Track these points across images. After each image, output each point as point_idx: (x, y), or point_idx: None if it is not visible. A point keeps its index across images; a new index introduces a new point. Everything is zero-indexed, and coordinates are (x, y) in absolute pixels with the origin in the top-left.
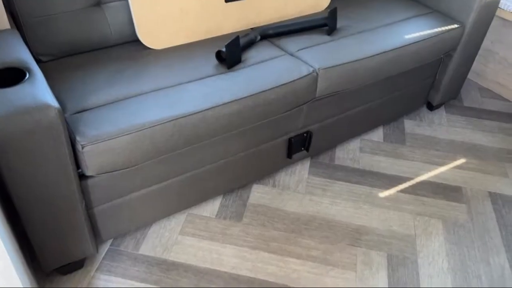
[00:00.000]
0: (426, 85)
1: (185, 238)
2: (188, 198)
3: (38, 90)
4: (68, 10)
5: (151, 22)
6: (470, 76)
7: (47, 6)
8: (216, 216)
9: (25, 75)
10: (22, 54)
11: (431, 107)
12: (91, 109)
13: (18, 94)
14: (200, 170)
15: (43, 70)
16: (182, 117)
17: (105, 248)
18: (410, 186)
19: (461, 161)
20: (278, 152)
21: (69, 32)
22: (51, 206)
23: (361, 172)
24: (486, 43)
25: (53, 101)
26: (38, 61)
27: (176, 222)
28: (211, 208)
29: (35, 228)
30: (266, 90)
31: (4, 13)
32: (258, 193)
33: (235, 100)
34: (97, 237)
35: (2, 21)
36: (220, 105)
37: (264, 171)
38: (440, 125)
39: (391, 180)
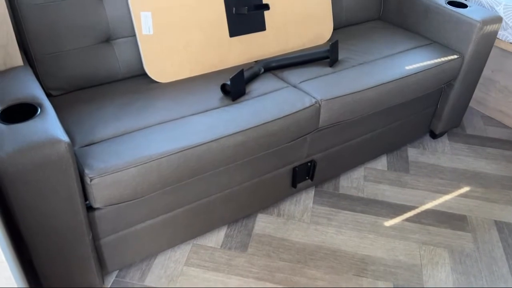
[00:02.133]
0: (428, 114)
1: (190, 269)
2: (193, 229)
3: (49, 125)
4: (78, 46)
5: (158, 57)
6: (472, 104)
7: (58, 43)
8: (221, 246)
9: (37, 110)
10: (34, 90)
11: (434, 135)
12: (99, 142)
13: (30, 129)
14: (205, 201)
15: (54, 104)
16: (188, 148)
17: (110, 279)
18: (415, 215)
19: (465, 189)
20: (283, 182)
21: (79, 67)
22: (58, 237)
23: (366, 201)
24: (486, 72)
25: (63, 136)
26: (48, 95)
27: (181, 252)
28: (216, 238)
29: (42, 258)
30: (270, 121)
31: (18, 51)
32: (263, 223)
33: (240, 131)
34: (103, 268)
35: (16, 58)
36: (225, 137)
37: (268, 200)
38: (443, 153)
39: (396, 209)
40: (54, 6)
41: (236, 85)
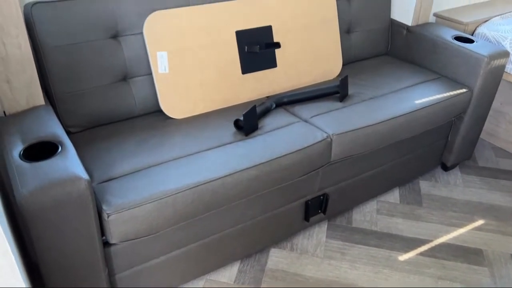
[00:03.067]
0: (439, 147)
1: None
2: (206, 264)
3: (69, 162)
4: (97, 85)
5: (173, 94)
6: (482, 136)
7: (78, 82)
8: (234, 282)
9: (57, 148)
10: (54, 128)
11: (445, 167)
12: (116, 178)
13: (51, 167)
14: (218, 235)
15: (73, 141)
16: (202, 184)
17: None
18: (429, 249)
19: (479, 222)
20: (295, 215)
21: (97, 105)
22: (75, 272)
23: (379, 235)
24: (495, 104)
25: (83, 173)
26: (68, 133)
27: None
28: (229, 273)
29: None
30: (282, 156)
31: (40, 90)
32: (276, 258)
33: (253, 166)
34: None
35: (38, 98)
36: (238, 171)
37: (281, 234)
38: (455, 185)
39: (410, 243)
40: (75, 48)
41: (249, 121)
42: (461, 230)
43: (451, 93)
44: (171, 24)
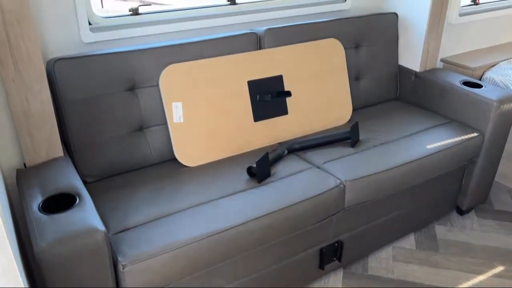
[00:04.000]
0: (453, 190)
1: None
2: None
3: (86, 214)
4: (114, 136)
5: (187, 143)
6: (497, 179)
7: (96, 133)
8: None
9: (75, 200)
10: (72, 179)
11: (461, 211)
12: (132, 228)
13: (69, 219)
14: (231, 286)
15: (89, 191)
16: (217, 233)
17: None
18: None
19: (499, 268)
20: (310, 263)
21: (113, 155)
22: None
23: (396, 283)
24: (508, 146)
25: (100, 225)
26: (84, 182)
27: None
28: None
29: None
30: (296, 204)
31: (60, 142)
32: None
33: (266, 214)
34: None
35: (57, 150)
36: (252, 220)
37: (296, 283)
38: (472, 230)
39: None
40: (94, 101)
41: (261, 168)
42: (481, 277)
43: (463, 137)
44: (186, 76)
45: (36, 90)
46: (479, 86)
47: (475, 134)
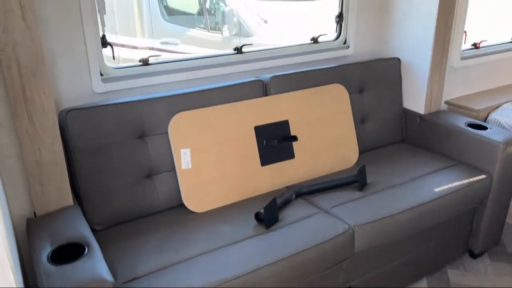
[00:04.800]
0: (464, 234)
1: None
2: None
3: (95, 264)
4: (123, 183)
5: (195, 189)
6: (509, 220)
7: (105, 181)
8: None
9: (84, 249)
10: (81, 229)
11: (473, 255)
12: (141, 277)
13: (77, 270)
14: None
15: (98, 239)
16: (224, 282)
17: None
18: None
19: None
20: None
21: (122, 202)
22: None
23: None
24: None
25: (108, 276)
26: (93, 230)
27: None
28: None
29: None
30: (304, 250)
31: (70, 191)
32: None
33: (275, 262)
34: None
35: (67, 198)
36: (260, 268)
37: None
38: (486, 274)
39: None
40: (104, 149)
41: (269, 213)
42: None
43: (470, 179)
44: (194, 123)
45: (49, 141)
46: (484, 128)
47: (483, 176)
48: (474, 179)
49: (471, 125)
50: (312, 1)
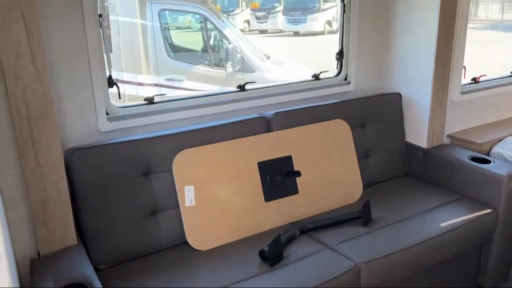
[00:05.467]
0: (472, 269)
1: None
2: None
3: None
4: (127, 221)
5: (199, 226)
6: None
7: (109, 219)
8: None
9: None
10: (85, 269)
11: None
12: None
13: None
14: None
15: (101, 279)
16: None
17: None
18: None
19: None
20: None
21: (126, 241)
22: None
23: None
24: None
25: None
26: (96, 269)
27: None
28: None
29: None
30: None
31: (74, 231)
32: None
33: None
34: None
35: (72, 238)
36: None
37: None
38: None
39: None
40: (109, 188)
41: (274, 251)
42: None
43: (476, 214)
44: (198, 160)
45: (54, 181)
46: (488, 161)
47: (489, 211)
48: (480, 213)
49: (474, 159)
50: (313, 37)
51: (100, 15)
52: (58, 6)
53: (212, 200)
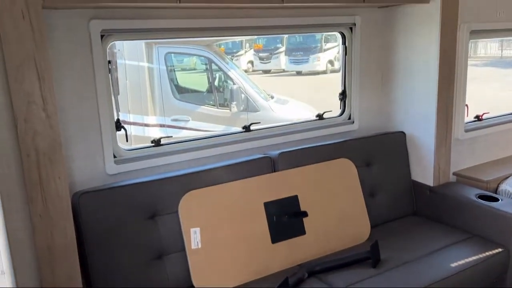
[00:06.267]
0: None
1: None
2: None
3: None
4: (132, 265)
5: (205, 269)
6: None
7: (115, 262)
8: None
9: None
10: None
11: None
12: None
13: None
14: None
15: None
16: None
17: None
18: None
19: None
20: None
21: (131, 284)
22: None
23: None
24: None
25: None
26: None
27: None
28: None
29: None
30: None
31: (79, 274)
32: None
33: None
34: None
35: (77, 282)
36: None
37: None
38: None
39: None
40: (116, 231)
41: None
42: None
43: (487, 253)
44: (204, 202)
45: (61, 226)
46: (496, 199)
47: (499, 250)
48: (490, 253)
49: (482, 197)
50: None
51: (109, 61)
52: (69, 54)
53: (218, 242)
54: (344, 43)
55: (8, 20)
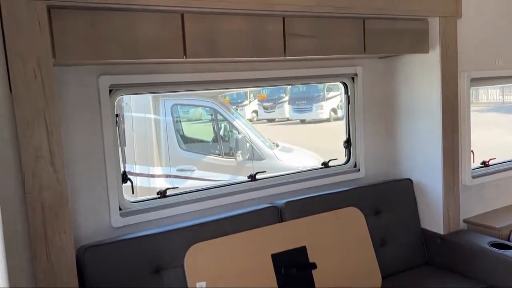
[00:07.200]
0: None
1: None
2: None
3: None
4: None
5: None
6: None
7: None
8: None
9: None
10: None
11: None
12: None
13: None
14: None
15: None
16: None
17: None
18: None
19: None
20: None
21: None
22: None
23: None
24: None
25: None
26: None
27: None
28: None
29: None
30: None
31: None
32: None
33: None
34: None
35: None
36: None
37: None
38: None
39: None
40: (120, 285)
41: None
42: None
43: None
44: (210, 254)
45: (65, 281)
46: (509, 247)
47: None
48: None
49: (495, 245)
50: (320, 123)
51: (117, 115)
52: (78, 108)
53: None
54: (346, 92)
55: (21, 81)
